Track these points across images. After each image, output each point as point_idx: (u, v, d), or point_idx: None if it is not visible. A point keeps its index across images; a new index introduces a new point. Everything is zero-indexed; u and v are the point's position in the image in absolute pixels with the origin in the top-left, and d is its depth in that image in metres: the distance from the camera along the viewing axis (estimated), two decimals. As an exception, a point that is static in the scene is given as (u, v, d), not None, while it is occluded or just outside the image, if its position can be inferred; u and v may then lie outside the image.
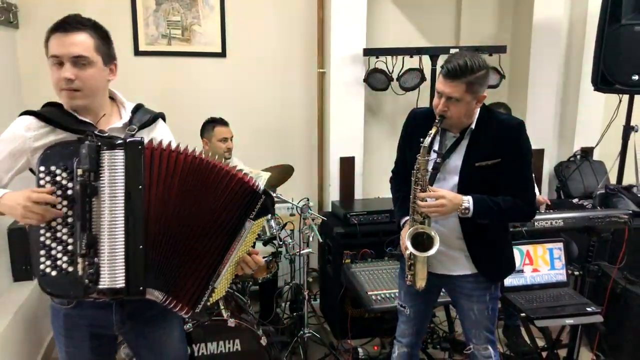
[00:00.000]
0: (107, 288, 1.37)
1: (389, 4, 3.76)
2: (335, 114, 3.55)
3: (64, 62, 1.43)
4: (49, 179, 1.38)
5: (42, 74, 3.22)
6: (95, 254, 1.36)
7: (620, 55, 3.09)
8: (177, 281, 1.46)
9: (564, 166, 3.87)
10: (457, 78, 1.76)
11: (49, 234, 1.38)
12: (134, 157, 1.39)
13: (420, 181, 1.87)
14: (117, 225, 1.37)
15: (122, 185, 1.38)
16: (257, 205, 1.50)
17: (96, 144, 1.37)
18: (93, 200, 1.36)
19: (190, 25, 3.43)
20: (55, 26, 1.45)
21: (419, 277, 1.96)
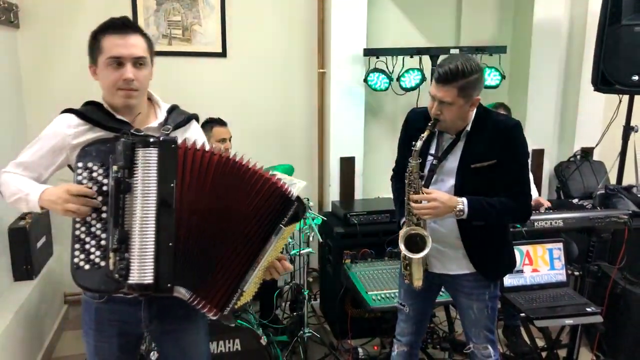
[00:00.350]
0: (135, 283, 1.38)
1: (389, 4, 3.76)
2: (336, 114, 3.56)
3: (124, 63, 1.48)
4: (86, 174, 1.42)
5: (43, 73, 3.26)
6: (127, 249, 1.37)
7: (621, 56, 3.09)
8: (206, 282, 1.46)
9: (564, 166, 3.87)
10: (449, 82, 1.76)
11: (83, 228, 1.41)
12: (167, 156, 1.41)
13: (413, 183, 1.88)
14: (148, 222, 1.38)
15: (154, 182, 1.39)
16: (290, 212, 1.51)
17: (131, 141, 1.39)
18: (126, 197, 1.38)
19: (190, 25, 3.44)
20: (110, 27, 1.49)
21: (415, 277, 1.97)
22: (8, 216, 2.81)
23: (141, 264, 1.37)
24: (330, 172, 3.62)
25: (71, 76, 3.30)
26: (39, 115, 3.27)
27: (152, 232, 1.39)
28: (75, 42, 3.29)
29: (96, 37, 1.50)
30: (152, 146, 1.40)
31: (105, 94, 1.56)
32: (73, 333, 3.30)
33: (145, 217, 1.38)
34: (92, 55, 1.53)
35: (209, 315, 1.48)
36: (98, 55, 1.50)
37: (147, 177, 1.39)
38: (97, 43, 1.49)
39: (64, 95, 3.29)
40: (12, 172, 1.57)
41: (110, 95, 1.53)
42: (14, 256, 2.80)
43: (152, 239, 1.39)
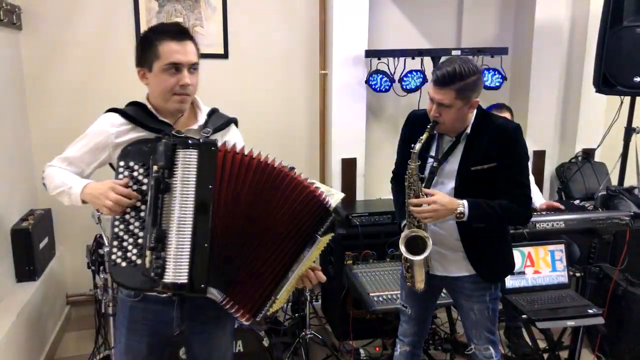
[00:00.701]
0: (170, 282, 1.39)
1: (390, 6, 3.76)
2: (337, 115, 3.56)
3: (181, 68, 1.51)
4: (127, 173, 1.46)
5: (46, 75, 3.27)
6: (163, 248, 1.39)
7: (622, 57, 3.09)
8: (240, 286, 1.47)
9: (566, 167, 3.87)
10: (447, 85, 1.77)
11: (122, 225, 1.44)
12: (207, 158, 1.43)
13: (413, 186, 1.89)
14: (186, 223, 1.40)
15: (193, 183, 1.41)
16: (327, 223, 1.52)
17: (172, 142, 1.41)
18: (165, 196, 1.40)
19: (192, 26, 3.44)
20: (168, 33, 1.51)
21: (417, 279, 1.97)
22: (11, 217, 2.82)
23: (176, 264, 1.39)
24: (332, 173, 3.62)
25: (73, 77, 3.32)
26: (42, 117, 3.28)
27: (188, 232, 1.40)
28: (78, 44, 3.30)
29: (151, 42, 1.52)
30: (192, 147, 1.42)
31: (155, 97, 1.58)
32: (75, 334, 3.31)
33: (183, 218, 1.40)
34: (143, 59, 1.55)
35: (242, 321, 1.49)
36: (154, 60, 1.52)
37: (186, 178, 1.41)
38: (153, 48, 1.51)
39: (66, 97, 3.31)
40: (57, 165, 1.62)
41: (164, 100, 1.56)
42: (17, 257, 2.81)
43: (189, 240, 1.40)
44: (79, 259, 3.10)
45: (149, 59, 1.53)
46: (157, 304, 1.58)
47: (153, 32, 1.55)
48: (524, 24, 3.87)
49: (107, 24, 3.31)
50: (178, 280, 1.39)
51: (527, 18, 3.80)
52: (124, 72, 3.33)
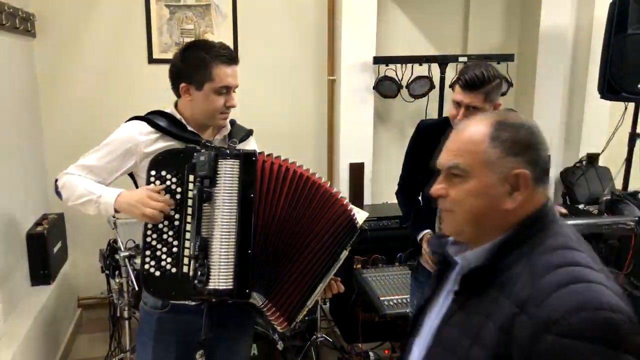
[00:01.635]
0: (216, 289, 1.43)
1: (398, 13, 3.81)
2: (345, 120, 3.61)
3: (231, 91, 1.60)
4: (159, 182, 1.48)
5: (59, 81, 3.31)
6: (206, 256, 1.42)
7: (627, 64, 3.13)
8: (281, 293, 1.51)
9: (570, 172, 3.91)
10: (476, 88, 1.82)
11: (155, 235, 1.46)
12: (247, 167, 1.48)
13: None
14: (230, 230, 1.45)
15: (236, 192, 1.46)
16: (354, 238, 1.58)
17: (215, 152, 1.45)
18: (206, 206, 1.44)
19: (203, 33, 3.49)
20: (223, 57, 1.57)
21: None
22: (26, 221, 2.86)
23: (221, 271, 1.43)
24: (340, 177, 3.67)
25: (87, 84, 3.36)
26: (55, 123, 3.33)
27: (232, 240, 1.45)
28: (91, 51, 3.35)
29: (206, 63, 1.56)
30: (233, 158, 1.47)
31: (198, 113, 1.62)
32: (87, 337, 3.35)
33: (227, 226, 1.44)
34: (193, 77, 1.58)
35: (278, 326, 1.53)
36: (206, 81, 1.56)
37: (229, 187, 1.46)
38: (208, 70, 1.55)
39: (79, 103, 3.35)
40: (76, 174, 1.60)
41: (210, 118, 1.62)
42: (32, 261, 2.85)
43: (233, 247, 1.45)
44: (90, 263, 3.14)
45: (200, 79, 1.57)
46: (185, 314, 1.59)
47: (207, 52, 1.57)
48: (529, 31, 3.92)
49: (120, 31, 3.36)
50: (224, 287, 1.43)
51: (532, 25, 3.85)
52: (137, 79, 3.39)
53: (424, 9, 3.84)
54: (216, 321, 1.62)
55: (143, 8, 3.37)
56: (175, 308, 1.60)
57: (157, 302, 1.61)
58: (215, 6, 3.47)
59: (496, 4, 3.96)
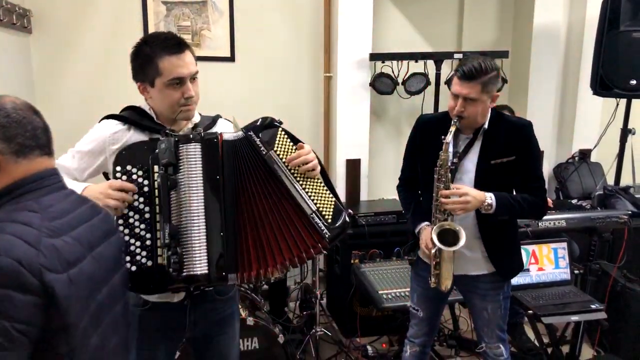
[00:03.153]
0: (190, 275, 1.41)
1: (393, 10, 3.84)
2: (342, 117, 3.63)
3: (185, 81, 1.50)
4: (125, 178, 1.46)
5: (55, 77, 3.30)
6: (178, 243, 1.40)
7: (618, 61, 3.19)
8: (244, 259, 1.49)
9: (563, 167, 3.97)
10: (474, 79, 1.86)
11: (127, 230, 1.44)
12: (210, 150, 1.46)
13: (443, 178, 1.93)
14: (199, 215, 1.43)
15: (200, 176, 1.44)
16: (257, 141, 1.51)
17: (174, 139, 1.43)
18: (172, 193, 1.42)
19: (200, 30, 3.49)
20: (166, 48, 1.48)
21: (445, 276, 1.97)
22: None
23: (194, 257, 1.42)
24: (337, 174, 3.69)
25: (82, 80, 3.35)
26: (51, 119, 3.25)
27: (202, 224, 1.43)
28: (87, 47, 3.34)
29: (150, 58, 1.49)
30: (194, 142, 1.45)
31: (162, 109, 1.57)
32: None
33: (195, 211, 1.43)
34: (143, 75, 1.52)
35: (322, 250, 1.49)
36: (155, 77, 1.50)
37: (193, 172, 1.44)
38: (153, 64, 1.48)
39: (75, 100, 3.34)
40: None
41: (172, 113, 1.55)
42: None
43: (203, 232, 1.43)
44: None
45: (150, 75, 1.50)
46: (167, 311, 1.58)
47: (149, 46, 1.50)
48: (522, 28, 3.96)
49: (116, 28, 3.35)
50: (198, 272, 1.41)
51: (526, 22, 3.89)
52: (133, 75, 3.38)
53: (420, 6, 3.87)
54: (200, 317, 1.62)
55: (140, 5, 3.36)
56: (157, 305, 1.57)
57: (138, 300, 1.58)
58: (212, 3, 3.47)
59: (490, 1, 4.00)
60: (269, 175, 1.50)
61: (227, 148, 1.50)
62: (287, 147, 1.53)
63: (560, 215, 2.79)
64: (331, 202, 1.52)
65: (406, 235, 2.30)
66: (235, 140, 1.51)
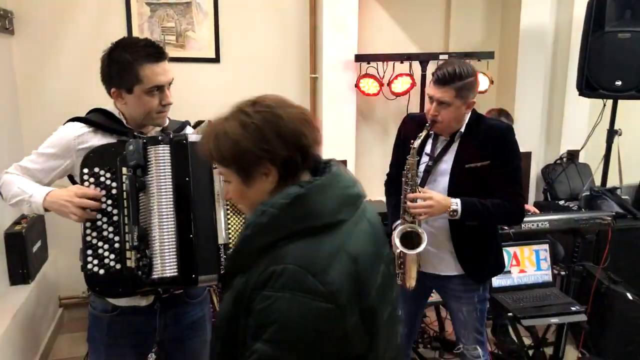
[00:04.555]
0: (160, 278, 1.39)
1: (379, 11, 3.83)
2: (328, 118, 3.61)
3: (164, 89, 1.51)
4: (93, 180, 1.44)
5: (38, 79, 3.28)
6: (147, 245, 1.39)
7: (604, 62, 3.18)
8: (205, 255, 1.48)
9: (551, 169, 3.95)
10: (447, 84, 1.85)
11: (95, 233, 1.42)
12: (179, 151, 1.45)
13: (410, 181, 1.94)
14: (169, 217, 1.42)
15: (170, 178, 1.43)
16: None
17: (143, 140, 1.42)
18: (141, 195, 1.40)
19: (184, 31, 3.48)
20: (150, 56, 1.47)
21: (409, 276, 2.01)
22: (4, 221, 2.84)
23: (164, 259, 1.40)
24: (323, 175, 3.67)
25: (66, 82, 3.34)
26: (34, 121, 3.29)
27: (172, 226, 1.42)
28: (70, 48, 3.32)
29: (130, 65, 1.47)
30: (163, 143, 1.44)
31: (136, 115, 1.55)
32: (68, 337, 3.32)
33: (165, 213, 1.41)
34: (120, 81, 1.51)
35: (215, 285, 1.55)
36: (135, 84, 1.49)
37: (162, 174, 1.42)
38: (132, 72, 1.47)
39: (58, 101, 3.32)
40: (15, 173, 1.57)
41: (147, 119, 1.55)
42: (10, 260, 2.83)
43: (173, 234, 1.41)
44: (71, 262, 3.09)
45: (127, 82, 1.49)
46: (136, 315, 1.56)
47: (129, 53, 1.48)
48: (509, 29, 3.95)
49: (99, 29, 3.33)
50: (168, 274, 1.39)
51: (513, 23, 3.89)
52: (116, 76, 3.36)
53: (406, 6, 3.86)
54: (170, 320, 1.60)
55: (123, 6, 3.35)
56: (126, 310, 1.55)
57: (107, 306, 1.55)
58: (196, 4, 3.46)
59: (477, 2, 3.99)
60: (208, 189, 1.50)
61: (193, 149, 1.48)
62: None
63: (543, 217, 2.78)
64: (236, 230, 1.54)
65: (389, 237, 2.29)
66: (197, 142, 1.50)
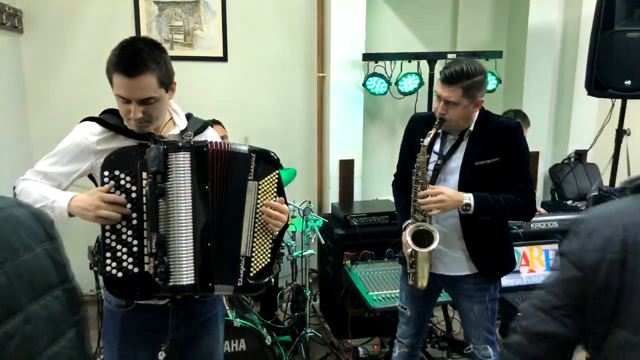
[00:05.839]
0: (176, 285, 1.40)
1: (387, 10, 3.83)
2: (335, 117, 3.62)
3: (131, 101, 1.46)
4: (113, 183, 1.43)
5: (46, 77, 3.30)
6: (165, 252, 1.39)
7: (613, 61, 3.16)
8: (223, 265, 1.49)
9: (558, 168, 3.94)
10: (454, 83, 1.83)
11: (114, 236, 1.42)
12: (199, 158, 1.44)
13: (420, 179, 1.93)
14: (187, 225, 1.42)
15: (189, 186, 1.42)
16: (252, 166, 1.51)
17: (164, 147, 1.41)
18: (160, 201, 1.40)
19: (192, 30, 3.48)
20: (119, 66, 1.43)
21: (420, 275, 1.99)
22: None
23: (181, 266, 1.40)
24: (330, 174, 3.68)
25: (74, 80, 3.35)
26: (42, 119, 3.31)
27: (190, 234, 1.42)
28: (79, 47, 3.34)
29: (109, 69, 1.47)
30: (184, 150, 1.43)
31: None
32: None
33: (183, 221, 1.41)
34: (108, 78, 1.50)
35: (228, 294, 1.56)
36: (111, 85, 1.48)
37: (182, 181, 1.42)
38: (109, 75, 1.47)
39: (66, 99, 3.34)
40: (32, 179, 1.55)
41: (129, 125, 1.53)
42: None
43: (191, 241, 1.42)
44: (79, 260, 3.11)
45: (110, 81, 1.49)
46: (151, 313, 1.56)
47: (112, 56, 1.45)
48: (517, 28, 3.94)
49: (108, 28, 3.35)
50: (185, 282, 1.40)
51: (521, 22, 3.87)
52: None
53: (413, 6, 3.86)
54: (183, 320, 1.60)
55: (132, 4, 3.36)
56: (140, 307, 1.56)
57: (121, 301, 1.57)
58: (204, 3, 3.46)
59: (485, 1, 3.98)
60: (237, 200, 1.51)
61: (221, 157, 1.49)
62: (270, 190, 1.55)
63: (552, 217, 2.78)
64: (265, 261, 1.54)
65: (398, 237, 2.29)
66: (237, 153, 1.52)
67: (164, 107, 1.55)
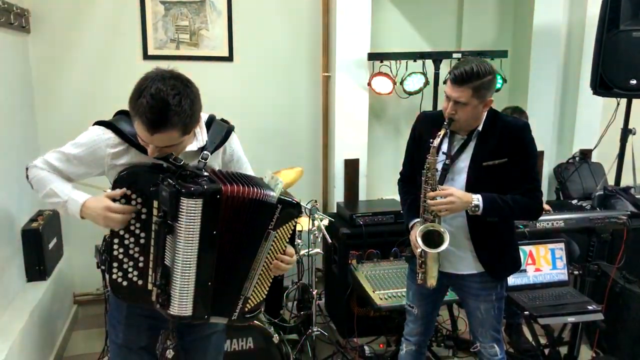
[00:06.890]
0: (175, 315, 1.48)
1: (392, 10, 3.83)
2: (340, 116, 3.62)
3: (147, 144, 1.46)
4: (124, 201, 1.48)
5: (53, 77, 3.31)
6: (167, 284, 1.47)
7: (619, 61, 3.16)
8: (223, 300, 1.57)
9: (563, 168, 3.94)
10: (464, 83, 1.84)
11: (122, 249, 1.50)
12: (210, 206, 1.45)
13: (430, 180, 1.94)
14: (191, 264, 1.46)
15: (198, 230, 1.44)
16: (275, 216, 1.56)
17: (176, 190, 1.41)
18: (168, 237, 1.46)
19: (198, 29, 3.49)
20: (142, 118, 1.38)
21: (429, 275, 2.01)
22: (21, 217, 2.86)
23: (182, 300, 1.47)
24: (335, 173, 3.68)
25: (81, 80, 3.37)
26: (50, 119, 3.32)
27: (193, 272, 1.47)
28: (85, 47, 3.35)
29: (132, 107, 1.41)
30: (197, 197, 1.42)
31: None
32: (83, 333, 3.35)
33: (188, 259, 1.46)
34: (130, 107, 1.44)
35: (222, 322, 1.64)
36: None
37: (191, 225, 1.44)
38: (132, 112, 1.42)
39: (73, 99, 3.36)
40: (44, 168, 1.58)
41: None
42: (28, 257, 2.85)
43: (193, 279, 1.47)
44: (86, 258, 3.14)
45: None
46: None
47: (140, 97, 1.37)
48: (522, 27, 3.95)
49: (114, 28, 3.37)
50: (182, 314, 1.48)
51: (526, 22, 3.88)
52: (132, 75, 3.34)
53: (419, 5, 3.87)
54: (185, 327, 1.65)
55: (138, 4, 3.37)
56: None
57: None
58: (210, 3, 3.47)
59: (490, 0, 3.98)
60: (253, 243, 1.56)
61: (242, 205, 1.50)
62: (285, 237, 1.61)
63: (558, 216, 2.78)
64: (259, 299, 1.63)
65: (404, 235, 2.30)
66: (264, 203, 1.53)
67: (185, 146, 1.52)
